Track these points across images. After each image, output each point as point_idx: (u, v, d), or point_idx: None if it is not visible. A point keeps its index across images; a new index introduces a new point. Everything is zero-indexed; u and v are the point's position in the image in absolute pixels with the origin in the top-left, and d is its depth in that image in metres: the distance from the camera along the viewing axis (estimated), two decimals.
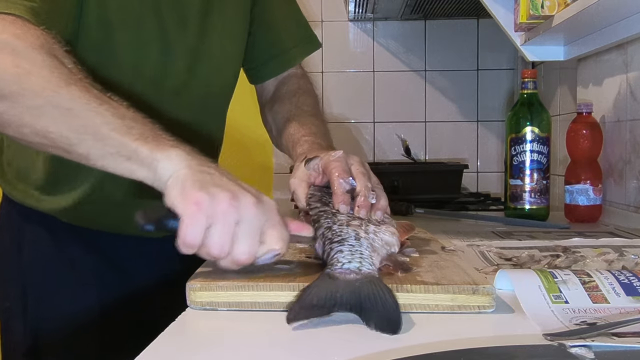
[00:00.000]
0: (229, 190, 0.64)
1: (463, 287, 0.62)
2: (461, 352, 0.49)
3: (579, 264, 0.82)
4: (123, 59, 0.93)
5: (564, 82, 1.73)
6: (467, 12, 2.07)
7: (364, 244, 0.69)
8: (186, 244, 0.63)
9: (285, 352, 0.53)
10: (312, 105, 1.15)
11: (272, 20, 1.16)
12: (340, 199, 0.78)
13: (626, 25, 1.18)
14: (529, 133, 1.33)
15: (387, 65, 2.23)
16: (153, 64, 0.97)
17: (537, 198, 1.33)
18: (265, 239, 0.65)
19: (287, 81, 1.19)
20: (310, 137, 1.02)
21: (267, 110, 1.19)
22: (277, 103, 1.16)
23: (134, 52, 0.94)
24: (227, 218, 0.63)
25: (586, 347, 0.49)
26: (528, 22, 1.32)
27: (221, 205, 0.63)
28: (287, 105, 1.13)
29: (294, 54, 1.20)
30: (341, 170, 0.82)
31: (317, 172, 0.87)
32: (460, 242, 1.00)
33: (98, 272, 1.01)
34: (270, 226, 0.66)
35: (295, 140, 1.03)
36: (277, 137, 1.13)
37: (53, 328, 0.98)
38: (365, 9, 2.06)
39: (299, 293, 0.61)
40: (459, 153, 2.23)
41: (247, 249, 0.64)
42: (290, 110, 1.12)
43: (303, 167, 0.89)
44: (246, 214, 0.63)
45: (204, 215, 0.62)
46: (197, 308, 0.65)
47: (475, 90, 2.23)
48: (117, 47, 0.92)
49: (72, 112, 0.69)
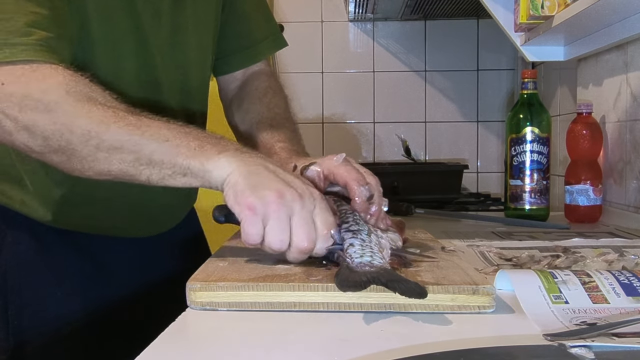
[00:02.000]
0: (276, 190, 0.70)
1: (463, 287, 0.62)
2: (461, 352, 0.49)
3: (579, 264, 0.82)
4: (100, 57, 0.91)
5: (564, 82, 1.73)
6: (467, 12, 2.07)
7: (373, 240, 0.72)
8: (249, 244, 0.70)
9: (285, 352, 0.53)
10: (284, 107, 1.13)
11: (242, 11, 1.14)
12: (362, 207, 0.80)
13: (626, 25, 1.19)
14: (529, 133, 1.33)
15: (387, 65, 2.23)
16: (132, 59, 0.94)
17: (537, 198, 1.33)
18: (316, 225, 0.71)
19: (256, 77, 1.16)
20: (285, 143, 1.01)
21: (235, 108, 1.15)
22: (245, 101, 1.13)
23: (111, 49, 0.92)
24: (279, 215, 0.69)
25: (586, 347, 0.49)
26: (528, 23, 1.32)
27: (271, 206, 0.69)
28: (257, 106, 1.11)
29: (263, 47, 1.17)
30: (358, 177, 0.82)
31: (318, 179, 0.85)
32: (460, 243, 1.00)
33: (84, 276, 0.99)
34: (317, 213, 0.71)
35: (269, 146, 1.01)
36: (247, 138, 1.09)
37: (36, 333, 0.95)
38: (365, 10, 2.06)
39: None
40: (459, 153, 2.24)
41: (304, 236, 0.70)
42: (262, 112, 1.10)
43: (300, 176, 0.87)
44: (294, 207, 0.70)
45: (259, 217, 0.69)
46: (197, 308, 0.65)
47: (475, 90, 2.23)
48: (95, 45, 0.90)
49: (122, 151, 0.74)
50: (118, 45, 0.92)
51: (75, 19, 0.85)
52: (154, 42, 0.96)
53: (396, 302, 0.62)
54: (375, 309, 0.62)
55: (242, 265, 0.72)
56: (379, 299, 0.62)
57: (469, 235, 1.10)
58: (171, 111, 0.97)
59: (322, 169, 0.85)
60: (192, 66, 1.04)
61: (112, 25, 0.91)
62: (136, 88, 0.94)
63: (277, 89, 1.16)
